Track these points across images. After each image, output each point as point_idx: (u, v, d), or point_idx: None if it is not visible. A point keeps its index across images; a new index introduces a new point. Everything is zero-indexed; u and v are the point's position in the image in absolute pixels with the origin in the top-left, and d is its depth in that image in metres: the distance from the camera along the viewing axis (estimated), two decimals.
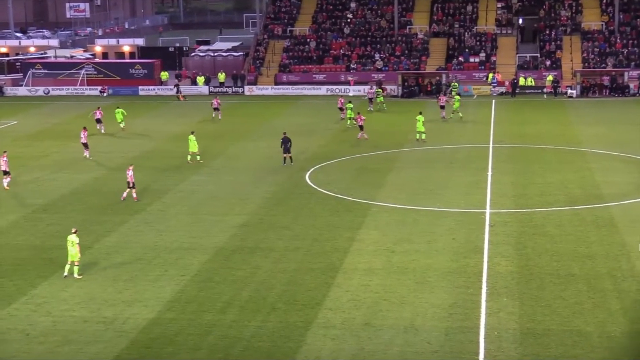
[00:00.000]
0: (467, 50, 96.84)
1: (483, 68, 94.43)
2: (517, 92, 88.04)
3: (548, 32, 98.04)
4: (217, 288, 33.83)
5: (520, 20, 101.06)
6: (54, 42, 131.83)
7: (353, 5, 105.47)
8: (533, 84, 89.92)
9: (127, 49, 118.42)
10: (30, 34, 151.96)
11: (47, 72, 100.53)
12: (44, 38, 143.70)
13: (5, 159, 51.56)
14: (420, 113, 63.35)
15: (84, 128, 60.68)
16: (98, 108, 72.37)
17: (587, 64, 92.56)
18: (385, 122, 72.60)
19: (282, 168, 55.01)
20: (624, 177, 51.31)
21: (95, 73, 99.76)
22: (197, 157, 56.98)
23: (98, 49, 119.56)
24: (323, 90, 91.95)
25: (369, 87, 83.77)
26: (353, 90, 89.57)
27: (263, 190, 49.50)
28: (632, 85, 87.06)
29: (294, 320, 30.45)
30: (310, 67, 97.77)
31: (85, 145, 59.84)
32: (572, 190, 48.24)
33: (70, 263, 35.30)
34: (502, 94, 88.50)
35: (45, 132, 72.34)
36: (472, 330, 29.28)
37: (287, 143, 55.71)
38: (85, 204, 47.50)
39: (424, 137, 62.24)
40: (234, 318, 30.81)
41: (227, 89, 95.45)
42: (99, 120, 70.04)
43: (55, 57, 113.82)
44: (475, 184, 49.99)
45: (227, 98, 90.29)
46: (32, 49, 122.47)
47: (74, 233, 35.60)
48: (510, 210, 44.16)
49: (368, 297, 32.53)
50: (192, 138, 57.30)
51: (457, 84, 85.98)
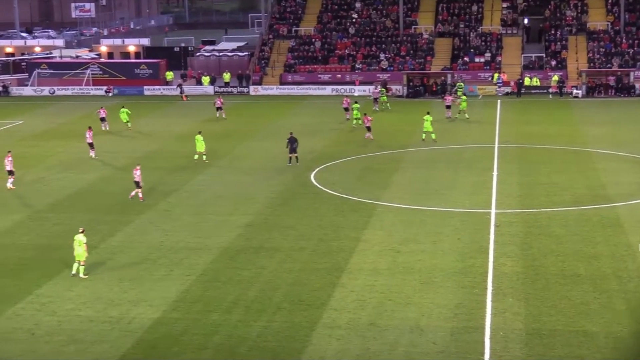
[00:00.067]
0: (472, 50, 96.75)
1: (488, 68, 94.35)
2: (522, 92, 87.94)
3: (553, 32, 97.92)
4: (222, 288, 33.84)
5: (526, 20, 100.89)
6: (60, 42, 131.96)
7: (358, 5, 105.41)
8: (538, 84, 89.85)
9: (132, 49, 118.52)
10: (36, 34, 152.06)
11: (52, 72, 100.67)
12: (50, 38, 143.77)
13: (10, 159, 51.60)
14: (428, 113, 63.29)
15: (89, 128, 60.76)
16: (102, 107, 72.70)
17: (592, 64, 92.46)
18: (391, 122, 72.54)
19: (287, 168, 55.02)
20: (630, 177, 51.23)
21: (101, 73, 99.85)
22: (203, 157, 57.01)
23: (103, 49, 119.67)
24: (328, 90, 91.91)
25: (374, 87, 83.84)
26: (358, 90, 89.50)
27: (268, 190, 49.51)
28: (637, 85, 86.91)
29: (299, 320, 30.44)
30: (316, 67, 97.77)
31: (91, 145, 59.91)
32: (577, 191, 48.18)
33: (77, 262, 35.38)
34: (507, 94, 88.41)
35: (51, 132, 72.41)
36: (477, 331, 29.25)
37: (293, 143, 55.70)
38: (91, 204, 47.56)
39: (434, 136, 62.11)
40: (240, 318, 30.81)
41: (232, 89, 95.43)
42: (103, 119, 70.38)
43: (61, 57, 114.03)
44: (481, 184, 49.94)
45: (232, 98, 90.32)
46: (37, 49, 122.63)
47: (82, 233, 35.64)
48: (516, 211, 44.12)
49: (373, 297, 32.52)
50: (199, 138, 57.33)
51: (462, 84, 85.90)
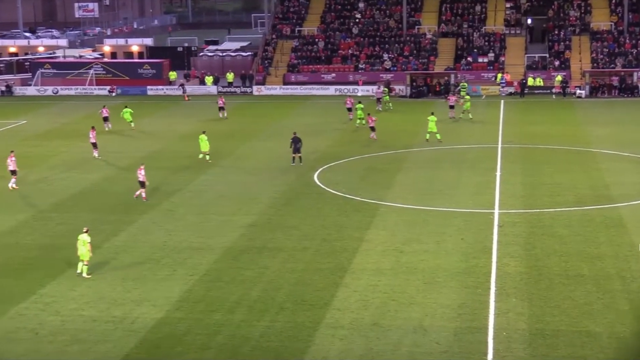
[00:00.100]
0: (475, 51, 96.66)
1: (492, 68, 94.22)
2: (525, 92, 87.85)
3: (557, 32, 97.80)
4: (225, 288, 33.85)
5: (529, 21, 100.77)
6: (63, 41, 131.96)
7: (361, 5, 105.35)
8: (542, 84, 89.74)
9: (135, 49, 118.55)
10: (39, 34, 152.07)
11: (56, 71, 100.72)
12: (53, 38, 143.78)
13: (14, 159, 51.56)
14: (432, 113, 63.25)
15: (92, 128, 60.83)
16: (104, 106, 72.81)
17: (596, 64, 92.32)
18: (394, 122, 72.50)
19: (290, 168, 55.01)
20: (634, 177, 51.17)
21: (104, 73, 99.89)
22: (206, 156, 57.00)
23: (107, 49, 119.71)
24: (331, 90, 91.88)
25: (377, 87, 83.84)
26: (361, 90, 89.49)
27: (271, 190, 49.52)
28: None
29: (302, 320, 30.45)
30: (319, 67, 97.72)
31: (94, 145, 59.93)
32: (581, 191, 48.14)
33: (81, 261, 35.40)
34: (510, 94, 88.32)
35: (54, 131, 72.45)
36: (480, 331, 29.25)
37: (297, 143, 55.72)
38: (95, 204, 47.59)
39: (439, 137, 62.07)
40: (243, 318, 30.83)
41: (235, 89, 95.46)
42: (106, 119, 70.49)
43: (64, 56, 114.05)
44: (484, 185, 49.92)
45: (235, 98, 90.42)
46: (41, 49, 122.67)
47: (85, 232, 35.69)
48: (519, 211, 44.10)
49: (376, 297, 32.51)
50: (203, 137, 57.32)
51: (466, 84, 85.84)
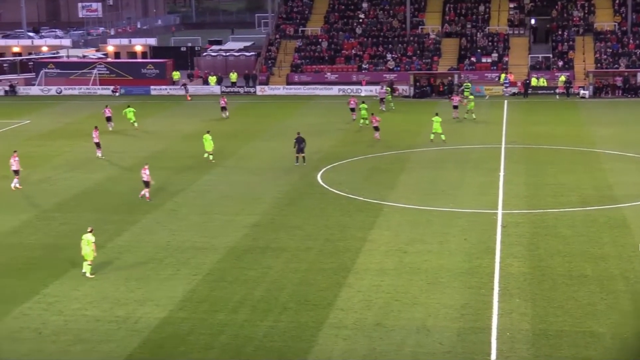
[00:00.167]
0: (479, 51, 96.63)
1: (495, 68, 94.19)
2: (529, 92, 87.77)
3: (560, 32, 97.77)
4: (229, 288, 33.85)
5: (533, 21, 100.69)
6: (67, 41, 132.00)
7: (365, 6, 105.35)
8: (545, 85, 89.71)
9: (139, 49, 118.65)
10: (43, 34, 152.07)
11: (59, 71, 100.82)
12: (57, 38, 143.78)
13: (17, 159, 51.55)
14: (437, 114, 63.19)
15: (96, 127, 60.88)
16: (106, 106, 72.88)
17: (599, 65, 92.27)
18: (398, 122, 72.45)
19: (293, 168, 55.00)
20: (637, 178, 51.08)
21: (108, 73, 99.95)
22: (210, 156, 56.99)
23: (110, 49, 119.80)
24: (335, 91, 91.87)
25: (380, 87, 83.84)
26: (365, 91, 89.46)
27: (275, 190, 49.51)
28: None
29: (306, 320, 30.44)
30: (322, 67, 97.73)
31: (98, 145, 59.95)
32: (584, 191, 48.08)
33: (86, 261, 35.41)
34: (514, 95, 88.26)
35: (58, 131, 72.49)
36: (484, 331, 29.23)
37: (301, 143, 55.72)
38: (98, 204, 47.60)
39: (444, 137, 61.96)
40: (246, 318, 30.83)
41: (239, 89, 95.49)
42: (109, 119, 70.56)
43: (68, 56, 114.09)
44: (488, 185, 49.87)
45: (239, 98, 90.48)
46: (44, 49, 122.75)
47: (90, 232, 35.69)
48: (523, 211, 44.06)
49: (380, 297, 32.50)
50: (207, 137, 57.34)
51: (469, 84, 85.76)
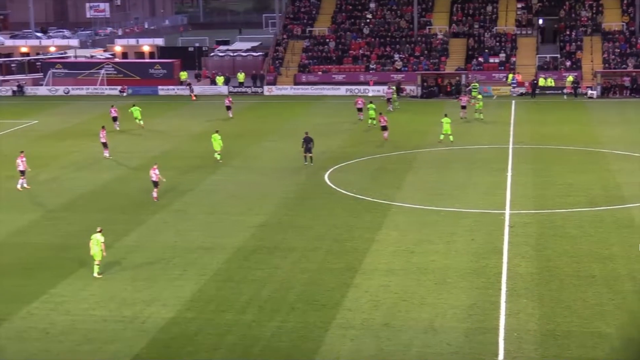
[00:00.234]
0: (486, 51, 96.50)
1: (503, 69, 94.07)
2: (537, 92, 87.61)
3: (568, 32, 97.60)
4: (236, 288, 33.86)
5: (541, 21, 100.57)
6: (74, 42, 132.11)
7: (372, 6, 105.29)
8: (553, 85, 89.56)
9: (146, 49, 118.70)
10: (51, 34, 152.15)
11: (67, 71, 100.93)
12: (64, 38, 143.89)
13: (24, 159, 51.56)
14: (446, 115, 63.06)
15: (103, 127, 60.95)
16: (112, 106, 73.07)
17: (607, 65, 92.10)
18: (405, 122, 72.38)
19: (301, 168, 54.99)
20: None
21: (115, 73, 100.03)
22: (217, 156, 56.99)
23: (118, 49, 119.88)
24: (342, 91, 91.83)
25: (387, 87, 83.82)
26: (372, 91, 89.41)
27: (282, 190, 49.51)
28: None
29: (313, 321, 30.44)
30: (330, 67, 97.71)
31: (105, 145, 60.01)
32: (592, 191, 47.98)
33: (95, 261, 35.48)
34: (522, 95, 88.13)
35: (66, 131, 72.56)
36: (491, 332, 29.21)
37: (309, 143, 55.72)
38: (105, 204, 47.64)
39: (451, 138, 61.88)
40: (253, 318, 30.83)
41: (246, 89, 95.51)
42: (115, 119, 70.72)
43: (76, 56, 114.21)
44: (495, 185, 49.79)
45: (246, 98, 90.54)
46: (52, 49, 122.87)
47: (99, 232, 35.73)
48: (530, 211, 43.99)
49: (387, 297, 32.49)
50: (216, 137, 57.33)
51: (477, 85, 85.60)
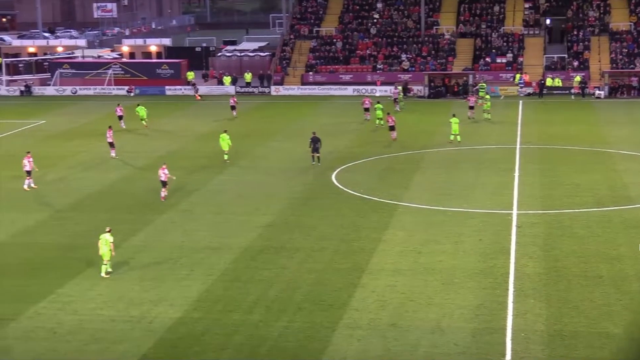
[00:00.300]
0: (494, 51, 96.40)
1: (510, 69, 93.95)
2: (544, 92, 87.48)
3: (576, 32, 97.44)
4: (243, 288, 33.88)
5: (548, 21, 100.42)
6: (82, 42, 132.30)
7: (379, 6, 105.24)
8: (560, 85, 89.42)
9: (154, 49, 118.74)
10: (58, 34, 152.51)
11: (74, 71, 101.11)
12: (72, 38, 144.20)
13: (30, 159, 51.62)
14: (454, 115, 62.99)
15: (110, 127, 61.05)
16: (118, 105, 73.23)
17: (615, 65, 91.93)
18: (412, 122, 72.35)
19: (308, 168, 54.99)
20: None
21: (123, 73, 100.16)
22: (225, 156, 56.98)
23: (125, 49, 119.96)
24: (349, 91, 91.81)
25: (394, 87, 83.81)
26: (380, 91, 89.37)
27: (289, 190, 49.52)
28: None
29: (320, 321, 30.44)
30: (337, 67, 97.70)
31: (112, 145, 60.08)
32: (600, 192, 47.90)
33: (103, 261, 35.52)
34: (529, 95, 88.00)
35: (73, 131, 72.66)
36: (499, 332, 29.18)
37: (316, 143, 55.75)
38: (112, 204, 47.71)
39: (459, 139, 61.83)
40: (260, 318, 30.84)
41: (253, 89, 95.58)
42: (121, 117, 70.98)
43: (83, 57, 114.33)
44: (503, 185, 49.73)
45: (253, 98, 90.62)
46: (59, 49, 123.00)
47: (108, 232, 35.77)
48: (538, 212, 43.93)
49: (394, 297, 32.47)
50: (224, 137, 57.32)
51: (484, 85, 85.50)
